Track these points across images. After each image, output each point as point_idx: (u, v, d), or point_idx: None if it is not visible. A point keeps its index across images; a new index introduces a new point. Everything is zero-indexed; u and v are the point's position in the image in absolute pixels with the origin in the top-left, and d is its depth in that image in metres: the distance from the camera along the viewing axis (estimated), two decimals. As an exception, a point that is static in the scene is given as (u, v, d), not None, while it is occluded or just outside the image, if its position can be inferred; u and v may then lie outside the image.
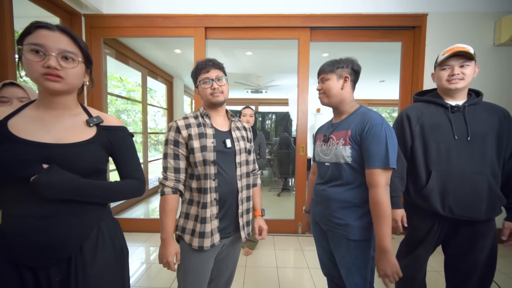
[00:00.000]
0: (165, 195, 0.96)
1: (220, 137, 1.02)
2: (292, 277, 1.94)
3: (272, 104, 7.86)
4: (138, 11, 2.52)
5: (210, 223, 0.97)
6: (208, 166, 0.96)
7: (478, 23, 2.44)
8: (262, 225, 1.14)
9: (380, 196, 0.91)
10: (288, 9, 2.50)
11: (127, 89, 6.91)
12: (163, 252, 0.95)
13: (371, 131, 0.95)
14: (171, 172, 0.97)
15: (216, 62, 1.03)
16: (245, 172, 1.08)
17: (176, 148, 0.97)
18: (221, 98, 1.01)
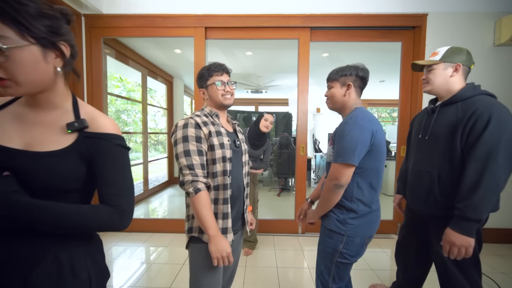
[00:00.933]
0: (201, 191, 0.91)
1: (231, 137, 1.06)
2: (292, 277, 1.94)
3: (272, 104, 7.86)
4: (138, 11, 2.52)
5: (229, 219, 1.00)
6: (226, 163, 0.99)
7: (478, 23, 2.44)
8: (253, 218, 1.23)
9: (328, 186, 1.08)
10: (288, 9, 2.50)
11: (127, 89, 6.91)
12: (220, 247, 0.90)
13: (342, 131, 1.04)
14: (198, 168, 0.93)
15: (227, 68, 1.09)
16: (247, 171, 1.14)
17: (199, 144, 0.95)
18: (231, 101, 1.07)
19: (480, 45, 2.45)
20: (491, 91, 2.54)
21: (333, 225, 1.09)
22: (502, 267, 2.09)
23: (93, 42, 2.58)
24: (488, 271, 2.02)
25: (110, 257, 2.21)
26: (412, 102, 2.60)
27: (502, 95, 2.46)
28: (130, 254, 2.26)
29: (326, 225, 1.12)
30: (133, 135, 7.96)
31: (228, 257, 0.92)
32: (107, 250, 2.32)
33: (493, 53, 2.45)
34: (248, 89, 6.23)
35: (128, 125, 7.64)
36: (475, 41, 2.45)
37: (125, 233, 2.71)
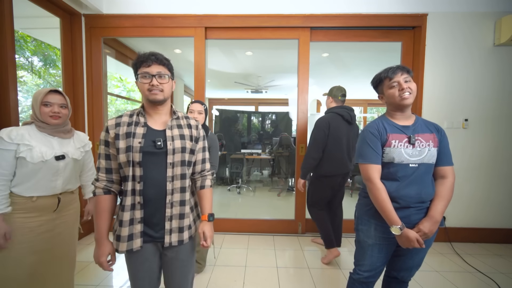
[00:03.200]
0: (96, 195, 0.94)
1: (152, 137, 0.94)
2: (292, 277, 1.94)
3: (272, 104, 7.86)
4: (138, 11, 2.52)
5: (128, 227, 0.93)
6: (133, 167, 0.91)
7: (478, 23, 2.44)
8: (206, 231, 1.01)
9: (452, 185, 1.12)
10: (288, 9, 2.50)
11: (127, 89, 6.91)
12: (95, 253, 0.94)
13: (445, 135, 1.15)
14: (102, 172, 0.95)
15: (160, 58, 0.95)
16: (179, 173, 0.97)
17: (107, 148, 0.94)
18: (159, 96, 0.94)
19: (480, 45, 2.45)
20: (491, 91, 2.56)
21: (437, 229, 1.10)
22: (502, 267, 2.09)
23: (93, 42, 2.58)
24: (488, 271, 2.03)
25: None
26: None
27: (503, 95, 2.47)
28: (130, 254, 2.26)
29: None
30: (133, 135, 7.96)
31: (101, 265, 0.93)
32: (107, 250, 2.32)
33: (493, 53, 2.45)
34: (248, 89, 6.23)
35: (128, 125, 7.62)
36: (475, 41, 2.45)
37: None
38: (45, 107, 1.16)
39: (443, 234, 2.54)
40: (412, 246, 1.04)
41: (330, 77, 5.19)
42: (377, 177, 1.10)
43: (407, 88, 1.07)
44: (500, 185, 2.52)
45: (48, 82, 4.30)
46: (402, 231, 1.03)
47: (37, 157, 1.12)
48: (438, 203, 1.08)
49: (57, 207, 1.23)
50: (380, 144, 1.11)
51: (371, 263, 1.19)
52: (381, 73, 1.15)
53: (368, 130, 1.14)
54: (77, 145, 1.30)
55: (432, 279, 1.91)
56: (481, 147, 2.51)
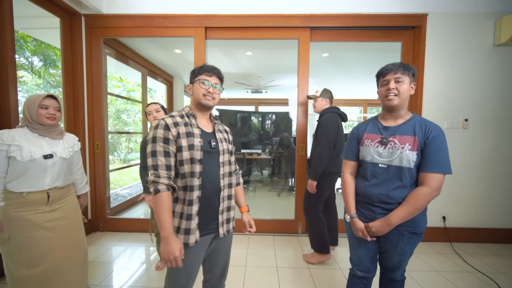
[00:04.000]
0: (160, 192, 0.94)
1: (206, 138, 1.06)
2: (292, 277, 1.94)
3: (272, 104, 7.86)
4: (138, 11, 2.52)
5: (194, 220, 1.00)
6: (195, 164, 0.99)
7: (478, 23, 2.44)
8: (250, 220, 1.26)
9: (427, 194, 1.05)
10: (288, 9, 2.50)
11: (127, 89, 6.91)
12: (168, 250, 0.92)
13: (436, 140, 1.04)
14: (162, 169, 0.96)
15: (220, 73, 1.10)
16: (227, 171, 1.12)
17: (166, 145, 0.97)
18: (211, 103, 1.06)
19: (480, 45, 2.45)
20: (491, 91, 2.56)
21: (422, 227, 1.13)
22: (502, 267, 2.09)
23: (93, 42, 2.58)
24: (488, 271, 2.03)
25: (110, 257, 2.21)
26: (412, 102, 2.60)
27: (503, 95, 2.47)
28: (130, 254, 2.26)
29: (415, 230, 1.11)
30: (133, 135, 7.96)
31: (175, 261, 0.93)
32: (107, 250, 2.32)
33: (493, 53, 2.45)
34: (248, 89, 6.23)
35: (128, 125, 7.64)
36: (475, 41, 2.45)
37: (125, 233, 2.71)
38: (42, 110, 1.28)
39: (443, 234, 2.54)
40: (358, 235, 1.17)
41: (330, 77, 5.19)
42: (347, 171, 1.23)
43: (392, 89, 1.06)
44: (500, 185, 2.52)
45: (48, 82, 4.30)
46: (351, 220, 1.18)
47: (26, 156, 1.22)
48: (399, 208, 1.07)
49: (48, 201, 1.32)
50: (356, 142, 1.21)
51: (356, 256, 1.25)
52: (380, 69, 1.16)
53: (352, 130, 1.27)
54: (66, 145, 1.40)
55: (432, 279, 1.91)
56: (481, 147, 2.50)
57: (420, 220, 1.11)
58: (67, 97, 2.48)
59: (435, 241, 2.55)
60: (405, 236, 1.11)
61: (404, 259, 1.17)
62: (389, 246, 1.15)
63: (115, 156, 7.39)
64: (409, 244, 1.12)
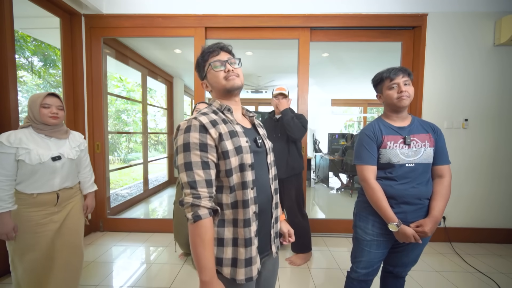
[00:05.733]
0: (202, 220, 0.68)
1: (250, 135, 0.83)
2: (292, 277, 1.94)
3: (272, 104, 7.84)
4: (138, 11, 2.52)
5: (254, 245, 0.76)
6: (246, 172, 0.75)
7: (478, 23, 2.44)
8: (290, 229, 0.97)
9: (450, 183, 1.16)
10: (288, 9, 2.50)
11: (127, 89, 6.90)
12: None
13: (441, 135, 1.17)
14: (202, 186, 0.70)
15: (226, 46, 0.85)
16: (274, 174, 0.89)
17: (204, 153, 0.71)
18: (237, 81, 0.81)
19: (480, 45, 2.45)
20: (491, 91, 2.56)
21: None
22: (502, 267, 2.09)
23: (93, 42, 2.58)
24: (488, 271, 2.03)
25: (110, 257, 2.21)
26: (412, 102, 2.60)
27: (503, 95, 2.47)
28: (130, 254, 2.26)
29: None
30: (133, 135, 7.96)
31: None
32: (107, 250, 2.32)
33: (493, 53, 2.45)
34: (248, 89, 6.23)
35: (128, 125, 7.64)
36: (475, 41, 2.45)
37: (125, 233, 2.71)
38: (44, 109, 1.25)
39: (443, 234, 2.54)
40: (409, 241, 1.09)
41: (330, 77, 5.19)
42: (372, 178, 1.15)
43: (405, 92, 1.10)
44: (500, 185, 2.52)
45: (48, 82, 4.30)
46: (399, 228, 1.09)
47: (35, 159, 1.21)
48: (438, 203, 1.11)
49: (57, 202, 1.31)
50: (375, 146, 1.16)
51: (368, 260, 1.21)
52: (383, 73, 1.16)
53: (364, 133, 1.19)
54: (73, 145, 1.38)
55: (432, 279, 1.91)
56: (481, 147, 2.50)
57: None
58: (67, 97, 2.48)
59: (435, 241, 2.55)
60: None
61: (415, 259, 1.21)
62: (406, 245, 1.17)
63: (115, 156, 7.38)
64: (424, 243, 1.16)
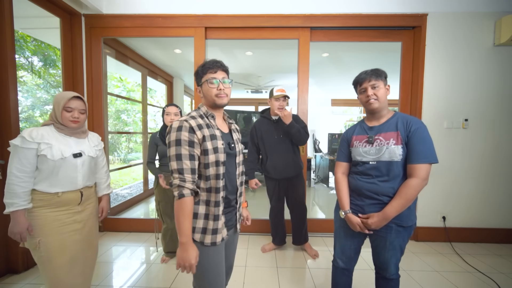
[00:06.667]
0: (185, 197, 0.92)
1: (226, 139, 1.06)
2: (292, 277, 1.94)
3: (272, 104, 7.84)
4: (138, 11, 2.52)
5: (221, 220, 1.02)
6: (219, 167, 0.99)
7: (478, 23, 2.44)
8: (248, 214, 1.29)
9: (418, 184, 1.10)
10: (288, 9, 2.50)
11: (127, 89, 6.90)
12: (185, 256, 0.92)
13: (418, 132, 1.12)
14: (188, 173, 0.93)
15: (223, 65, 1.07)
16: (241, 171, 1.15)
17: (192, 148, 0.94)
18: (225, 100, 1.04)
19: (480, 45, 2.45)
20: (491, 91, 2.56)
21: (409, 221, 1.17)
22: (502, 267, 2.09)
23: (93, 42, 2.58)
24: (488, 271, 2.03)
25: (110, 257, 2.21)
26: (412, 102, 2.60)
27: (503, 95, 2.47)
28: (130, 254, 2.26)
29: (402, 223, 1.16)
30: (133, 135, 7.96)
31: (190, 268, 0.92)
32: (107, 250, 2.32)
33: (493, 53, 2.45)
34: (248, 89, 6.23)
35: (128, 125, 7.64)
36: (475, 41, 2.45)
37: (125, 233, 2.71)
38: (66, 112, 1.25)
39: (443, 234, 2.54)
40: (356, 230, 1.22)
41: (330, 77, 5.19)
42: (339, 172, 1.34)
43: (372, 95, 1.19)
44: (500, 185, 2.52)
45: (48, 82, 4.30)
46: (345, 215, 1.25)
47: (57, 154, 1.20)
48: (393, 201, 1.13)
49: (81, 201, 1.32)
50: (347, 145, 1.33)
51: (340, 247, 1.33)
52: (356, 77, 1.28)
53: (342, 134, 1.39)
54: (92, 144, 1.39)
55: (432, 279, 1.91)
56: (481, 147, 2.50)
57: (409, 215, 1.16)
58: (67, 97, 2.48)
59: (435, 241, 2.55)
60: (393, 230, 1.16)
61: (394, 254, 1.21)
62: (379, 241, 1.21)
63: (115, 156, 7.38)
64: (398, 238, 1.17)
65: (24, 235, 1.17)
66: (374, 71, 1.21)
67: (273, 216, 2.33)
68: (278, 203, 2.29)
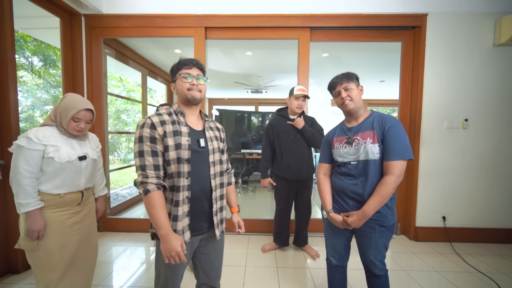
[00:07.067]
0: (151, 192, 0.92)
1: (195, 136, 1.02)
2: (292, 277, 1.94)
3: (272, 104, 7.85)
4: (138, 11, 2.52)
5: (181, 221, 0.97)
6: (182, 164, 0.96)
7: (478, 23, 2.44)
8: (240, 220, 1.22)
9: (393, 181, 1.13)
10: (288, 9, 2.50)
11: (127, 89, 6.90)
12: (169, 247, 0.91)
13: (392, 129, 1.15)
14: (150, 169, 0.94)
15: (199, 63, 1.06)
16: (219, 171, 1.09)
17: (154, 144, 0.94)
18: (197, 95, 1.02)
19: (480, 45, 2.45)
20: (491, 91, 2.56)
21: (390, 221, 1.20)
22: (502, 267, 2.09)
23: (93, 42, 2.58)
24: (488, 271, 2.02)
25: (110, 257, 2.21)
26: (412, 102, 2.60)
27: (503, 95, 2.47)
28: (130, 254, 2.26)
29: (383, 224, 1.18)
30: (133, 135, 7.96)
31: (178, 256, 0.92)
32: (107, 250, 2.32)
33: (493, 53, 2.45)
34: (248, 89, 6.23)
35: (128, 125, 7.63)
36: (475, 41, 2.45)
37: (125, 233, 2.71)
38: (73, 122, 1.24)
39: (443, 234, 2.54)
40: (342, 227, 1.25)
41: (330, 77, 5.16)
42: (321, 173, 1.37)
43: (346, 97, 1.24)
44: (500, 185, 2.52)
45: (48, 82, 4.30)
46: (327, 214, 1.28)
47: (64, 157, 1.21)
48: (371, 200, 1.15)
49: (81, 201, 1.33)
50: (328, 147, 1.36)
51: (331, 245, 1.36)
52: (330, 82, 1.33)
53: (324, 136, 1.39)
54: (93, 146, 1.39)
55: (432, 279, 1.91)
56: (481, 147, 2.50)
57: (387, 215, 1.19)
58: (67, 97, 2.48)
59: (435, 241, 2.55)
60: (376, 230, 1.20)
61: (379, 252, 1.24)
62: (364, 240, 1.24)
63: (115, 156, 7.38)
64: (381, 238, 1.21)
65: (43, 233, 1.18)
66: (345, 74, 1.27)
67: (280, 217, 2.28)
68: (287, 205, 2.24)
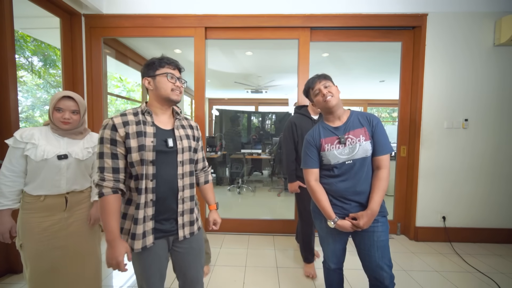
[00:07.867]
0: (104, 196, 0.89)
1: (162, 136, 0.98)
2: (292, 277, 1.94)
3: (272, 104, 7.86)
4: (138, 11, 2.52)
5: (142, 225, 0.94)
6: (146, 166, 0.93)
7: (478, 23, 2.44)
8: (216, 218, 1.21)
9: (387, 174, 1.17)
10: (288, 9, 2.50)
11: (127, 89, 6.90)
12: (111, 254, 0.89)
13: (378, 125, 1.19)
14: (108, 172, 0.91)
15: (180, 65, 1.08)
16: (188, 171, 1.05)
17: (114, 147, 0.91)
18: (179, 98, 1.02)
19: (480, 45, 2.45)
20: (491, 91, 2.56)
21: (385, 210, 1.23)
22: (502, 267, 2.09)
23: (93, 42, 2.57)
24: (488, 271, 2.03)
25: (110, 257, 2.21)
26: (412, 102, 2.60)
27: (503, 95, 2.47)
28: (130, 254, 2.26)
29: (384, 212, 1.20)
30: (133, 135, 7.95)
31: (118, 266, 0.89)
32: (107, 250, 2.32)
33: (493, 53, 2.45)
34: (248, 89, 6.23)
35: (128, 125, 7.63)
36: (475, 41, 2.45)
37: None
38: (57, 112, 1.20)
39: (443, 234, 2.54)
40: (351, 230, 1.20)
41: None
42: (313, 180, 1.25)
43: (327, 93, 1.21)
44: (500, 185, 2.52)
45: (48, 82, 4.30)
46: (335, 224, 1.19)
47: (39, 155, 1.15)
48: (374, 196, 1.15)
49: (66, 207, 1.24)
50: (315, 150, 1.25)
51: (332, 251, 1.32)
52: (305, 85, 1.32)
53: (306, 138, 1.29)
54: (86, 145, 1.30)
55: (432, 279, 1.91)
56: (481, 147, 2.50)
57: (383, 205, 1.21)
58: (67, 97, 2.48)
59: (435, 241, 2.55)
60: (379, 222, 1.18)
61: (385, 252, 1.17)
62: (366, 239, 1.19)
63: (115, 156, 7.37)
64: (384, 231, 1.18)
65: (6, 236, 1.15)
66: (321, 75, 1.28)
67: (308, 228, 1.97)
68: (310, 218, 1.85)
